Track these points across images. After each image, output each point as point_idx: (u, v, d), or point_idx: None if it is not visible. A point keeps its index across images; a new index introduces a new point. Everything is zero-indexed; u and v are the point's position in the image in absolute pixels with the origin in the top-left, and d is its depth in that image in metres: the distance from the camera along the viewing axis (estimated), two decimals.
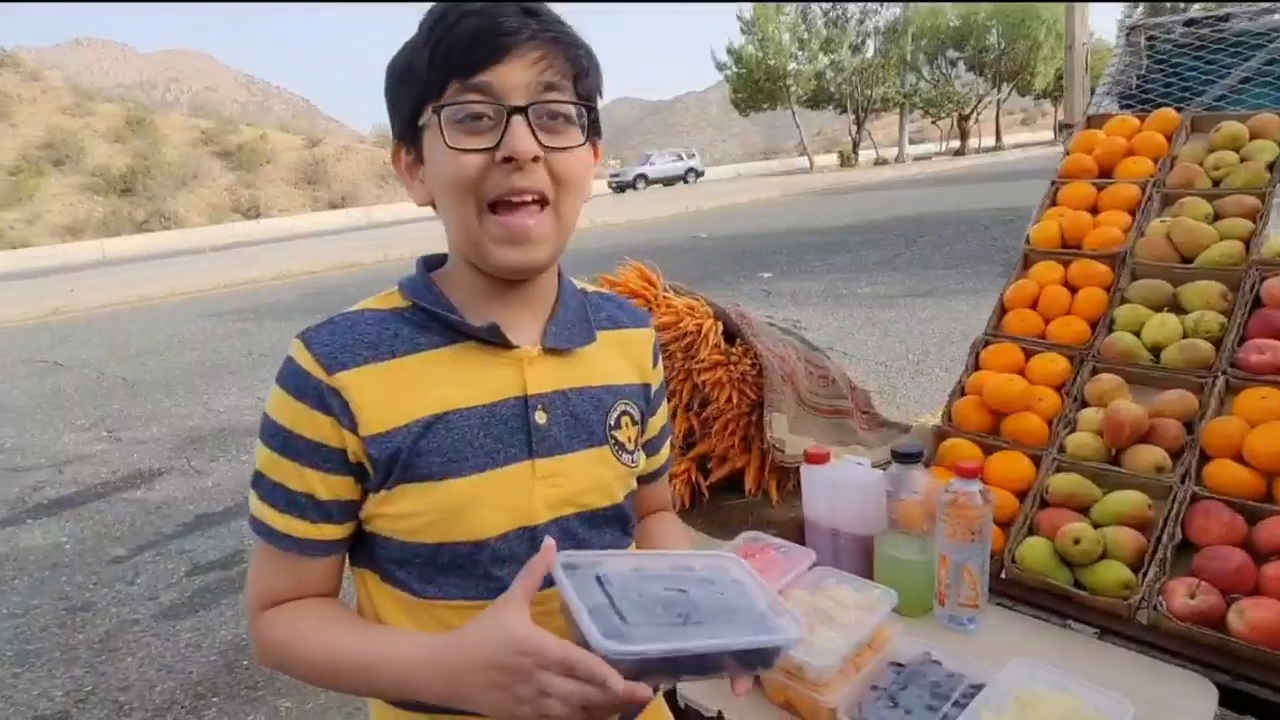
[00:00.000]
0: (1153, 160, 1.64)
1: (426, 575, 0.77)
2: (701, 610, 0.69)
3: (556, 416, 0.80)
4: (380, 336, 0.76)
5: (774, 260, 10.14)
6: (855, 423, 1.69)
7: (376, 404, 0.73)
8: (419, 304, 0.78)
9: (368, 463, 0.74)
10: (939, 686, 0.98)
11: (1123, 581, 1.12)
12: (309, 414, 0.72)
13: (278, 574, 0.77)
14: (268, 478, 0.75)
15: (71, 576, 3.52)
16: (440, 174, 0.73)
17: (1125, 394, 1.33)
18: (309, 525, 0.75)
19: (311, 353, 0.73)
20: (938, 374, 5.03)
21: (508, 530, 0.77)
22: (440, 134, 0.71)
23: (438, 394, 0.75)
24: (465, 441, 0.75)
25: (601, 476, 0.83)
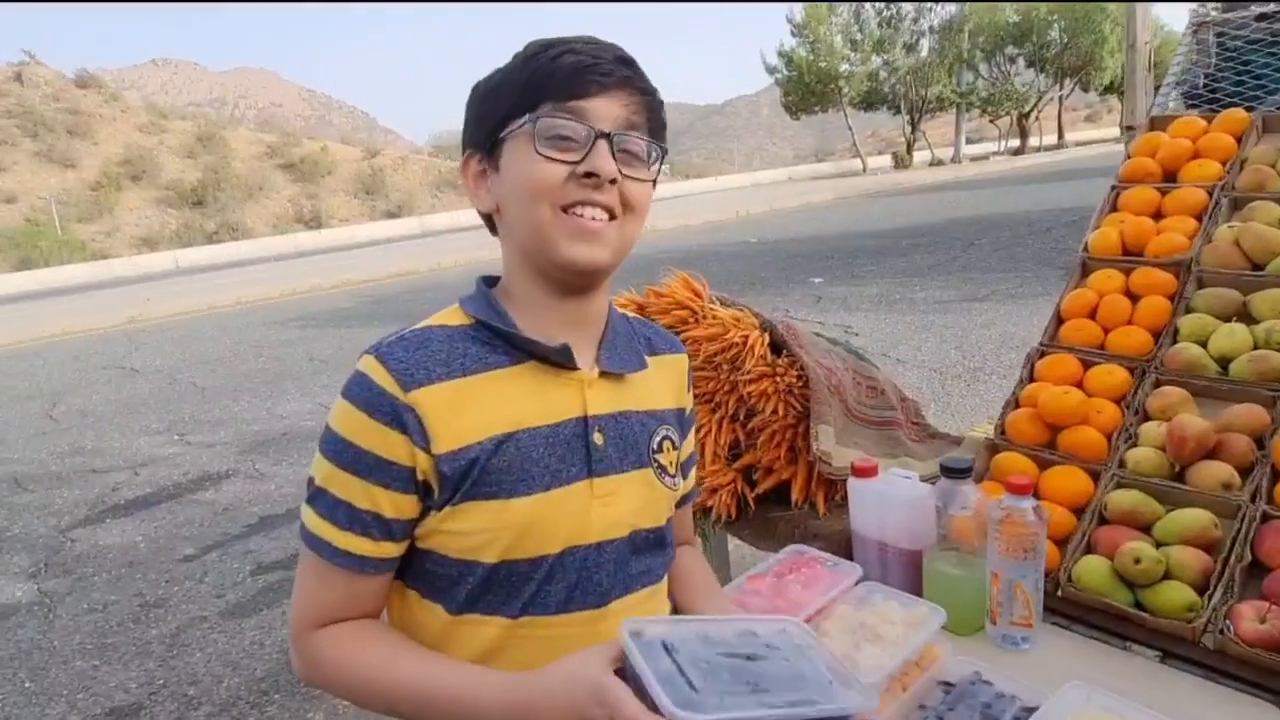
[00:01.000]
0: (1221, 163, 1.58)
1: (474, 593, 0.78)
2: (768, 678, 0.69)
3: (610, 438, 0.83)
4: (451, 354, 0.78)
5: (825, 265, 10.01)
6: (904, 434, 1.66)
7: (449, 421, 0.75)
8: (484, 322, 0.81)
9: (435, 480, 0.75)
10: (989, 708, 0.96)
11: (1187, 603, 1.08)
12: (381, 431, 0.74)
13: (331, 591, 0.78)
14: (330, 494, 0.76)
15: (146, 574, 3.70)
16: (522, 179, 0.77)
17: (1190, 408, 1.28)
18: (371, 543, 0.76)
19: (387, 369, 0.75)
20: (994, 381, 4.90)
21: (563, 550, 0.79)
22: (532, 141, 0.75)
23: (507, 413, 0.78)
24: (532, 460, 0.77)
25: (648, 497, 0.86)
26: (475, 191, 0.83)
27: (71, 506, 4.67)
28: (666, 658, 0.68)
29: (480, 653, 0.79)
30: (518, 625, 0.79)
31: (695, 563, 1.04)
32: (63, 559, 3.95)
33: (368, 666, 0.76)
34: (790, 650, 0.74)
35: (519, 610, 0.79)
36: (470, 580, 0.78)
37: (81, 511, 4.58)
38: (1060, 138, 38.07)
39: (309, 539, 0.78)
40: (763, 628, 0.77)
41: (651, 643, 0.69)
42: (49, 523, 4.45)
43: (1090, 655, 1.10)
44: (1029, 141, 35.84)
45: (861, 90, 33.85)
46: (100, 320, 12.79)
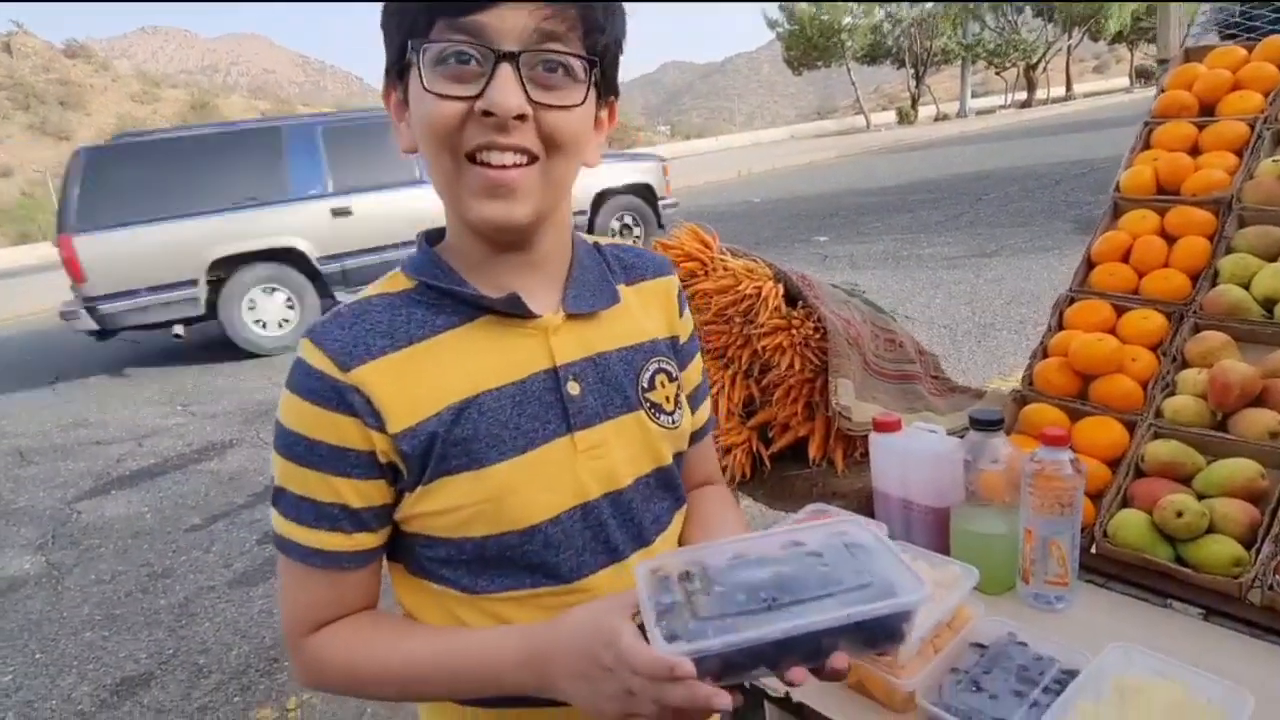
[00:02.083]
0: (1262, 94, 1.48)
1: (476, 570, 0.72)
2: (794, 589, 0.61)
3: (589, 385, 0.74)
4: (393, 323, 0.70)
5: (830, 223, 9.86)
6: (925, 388, 1.59)
7: (401, 397, 0.68)
8: (426, 282, 0.72)
9: (400, 461, 0.69)
10: (1026, 670, 0.91)
11: (1233, 558, 1.02)
12: (329, 417, 0.67)
13: (316, 593, 0.72)
14: (291, 492, 0.69)
15: (153, 544, 3.69)
16: (418, 119, 0.66)
17: (1233, 352, 1.21)
18: (344, 537, 0.70)
19: (323, 349, 0.67)
20: (1005, 336, 4.82)
21: (559, 512, 0.72)
22: (419, 75, 0.64)
23: (464, 377, 0.70)
24: (500, 423, 0.70)
25: (642, 441, 0.78)
26: (397, 126, 0.71)
27: (76, 479, 4.66)
28: (679, 588, 0.62)
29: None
30: (538, 597, 0.73)
31: (717, 505, 0.93)
32: (69, 531, 3.94)
33: (377, 656, 0.70)
34: (837, 555, 0.65)
35: (530, 583, 0.73)
36: (465, 560, 0.72)
37: (87, 483, 4.56)
38: (1068, 89, 37.31)
39: (279, 542, 0.71)
40: (814, 535, 0.68)
41: (667, 577, 0.64)
42: (54, 495, 4.44)
43: (1128, 614, 1.05)
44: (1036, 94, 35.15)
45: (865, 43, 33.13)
46: None
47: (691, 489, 0.94)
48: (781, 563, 0.65)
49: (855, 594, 0.60)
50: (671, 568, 0.65)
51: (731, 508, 0.94)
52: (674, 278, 0.88)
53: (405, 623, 0.75)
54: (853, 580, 0.62)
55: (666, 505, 0.82)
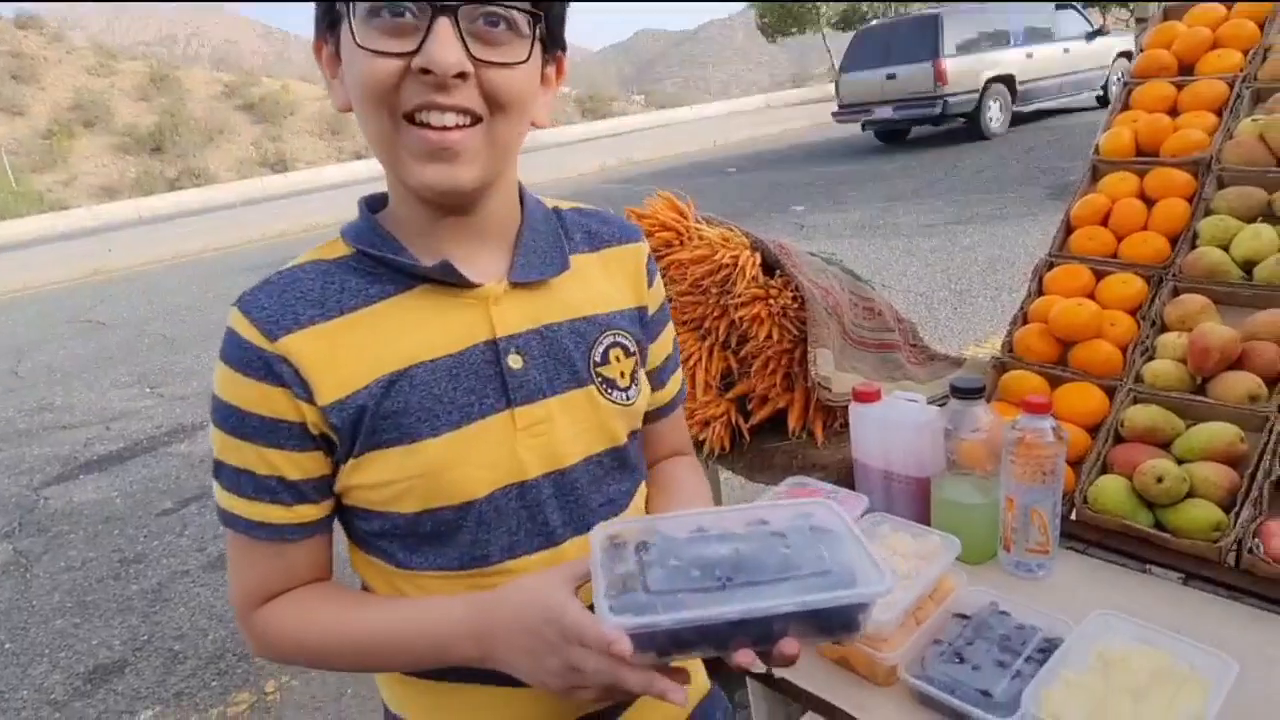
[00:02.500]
0: (1242, 52, 1.46)
1: (410, 544, 0.71)
2: (751, 569, 0.60)
3: (533, 358, 0.71)
4: (325, 291, 0.67)
5: (807, 192, 9.81)
6: (903, 356, 1.58)
7: (330, 368, 0.65)
8: (363, 250, 0.68)
9: (331, 433, 0.66)
10: (1008, 640, 0.90)
11: (1212, 522, 1.01)
12: (259, 388, 0.65)
13: (262, 566, 0.71)
14: (229, 465, 0.67)
15: (124, 530, 3.62)
16: (351, 76, 0.62)
17: (1212, 315, 1.20)
18: (284, 509, 0.68)
19: (250, 319, 0.65)
20: (981, 303, 4.84)
21: (494, 490, 0.69)
22: (350, 29, 0.60)
23: (397, 348, 0.67)
24: (434, 397, 0.67)
25: (592, 419, 0.74)
26: (330, 82, 0.67)
27: (43, 464, 4.55)
28: (633, 558, 0.61)
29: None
30: (465, 578, 0.71)
31: (682, 472, 0.90)
32: (37, 518, 3.85)
33: (323, 629, 0.69)
34: (800, 537, 0.64)
35: (459, 562, 0.71)
36: (398, 533, 0.70)
37: (54, 469, 4.46)
38: None
39: (222, 515, 0.70)
40: (779, 514, 0.67)
41: (624, 544, 0.63)
42: (20, 482, 4.33)
43: (1108, 580, 1.04)
44: None
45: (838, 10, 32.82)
46: (62, 273, 12.38)
47: (660, 460, 0.92)
48: (742, 540, 0.63)
49: (813, 580, 0.59)
50: (629, 535, 0.63)
51: (697, 477, 0.91)
52: (643, 245, 0.84)
53: (352, 595, 0.73)
54: (812, 566, 0.60)
55: (623, 488, 0.79)
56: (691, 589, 0.58)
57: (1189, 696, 0.74)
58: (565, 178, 14.98)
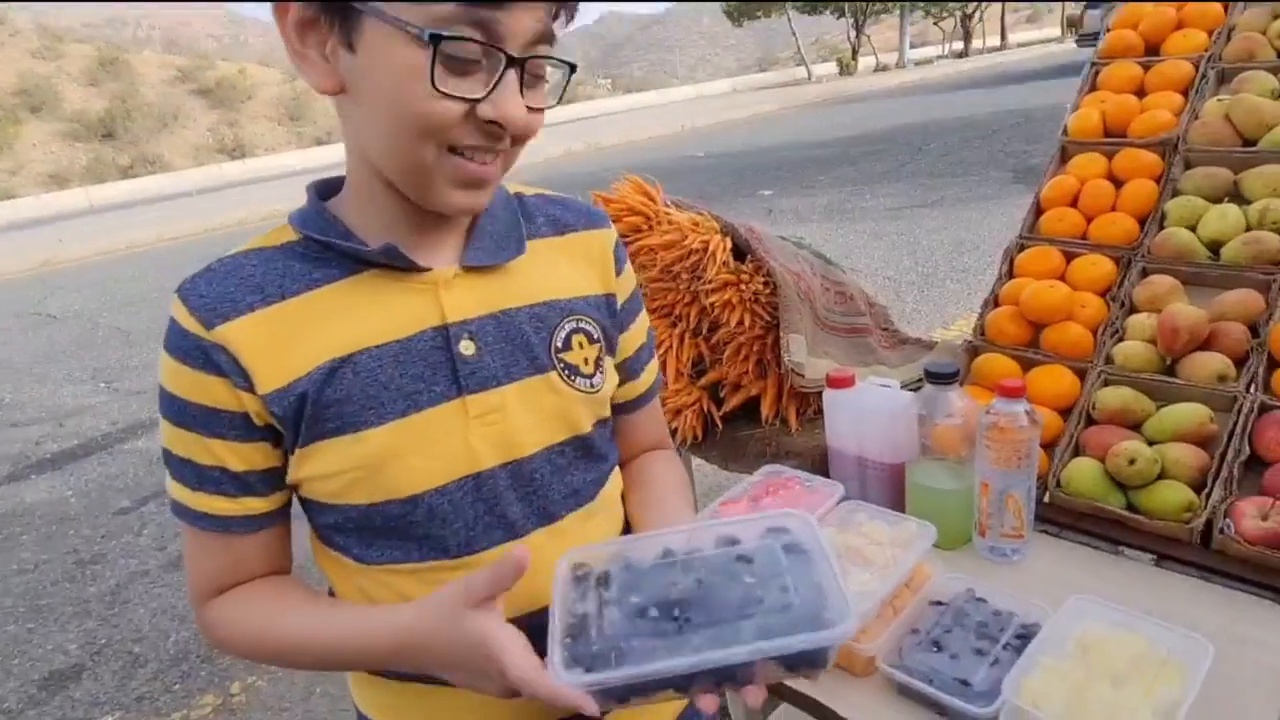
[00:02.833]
0: (1207, 32, 1.46)
1: (366, 538, 0.69)
2: (711, 606, 0.59)
3: (487, 344, 0.68)
4: (267, 277, 0.65)
5: (775, 177, 9.82)
6: (875, 341, 1.57)
7: (269, 355, 0.63)
8: (310, 235, 0.66)
9: (276, 423, 0.64)
10: (985, 627, 0.89)
11: (1184, 503, 1.02)
12: (198, 377, 0.63)
13: (211, 558, 0.69)
14: (175, 454, 0.66)
15: (79, 530, 3.50)
16: (399, 103, 0.58)
17: (1180, 296, 1.20)
18: (229, 501, 0.66)
19: (188, 307, 0.63)
20: (948, 286, 4.88)
21: (447, 482, 0.67)
22: (427, 65, 0.55)
23: (340, 334, 0.64)
24: (379, 384, 0.64)
25: (553, 407, 0.71)
26: (302, 52, 0.59)
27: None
28: (593, 595, 0.61)
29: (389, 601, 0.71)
30: (425, 571, 0.69)
31: (660, 467, 0.88)
32: None
33: (266, 626, 0.69)
34: (768, 560, 0.63)
35: (418, 556, 0.69)
36: (353, 527, 0.69)
37: (3, 469, 4.30)
38: (1003, 39, 37.77)
39: (172, 506, 0.69)
40: (751, 530, 0.67)
41: (586, 575, 0.63)
42: None
43: (1082, 563, 1.04)
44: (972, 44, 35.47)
45: None
46: (10, 265, 11.95)
47: (638, 454, 0.90)
48: (708, 568, 0.63)
49: (775, 617, 0.58)
50: (594, 563, 0.63)
51: (676, 472, 0.89)
52: (609, 231, 0.81)
53: (296, 594, 0.71)
54: (776, 599, 0.60)
55: (589, 478, 0.76)
56: (647, 635, 0.57)
57: (1167, 681, 0.74)
58: (532, 163, 14.81)
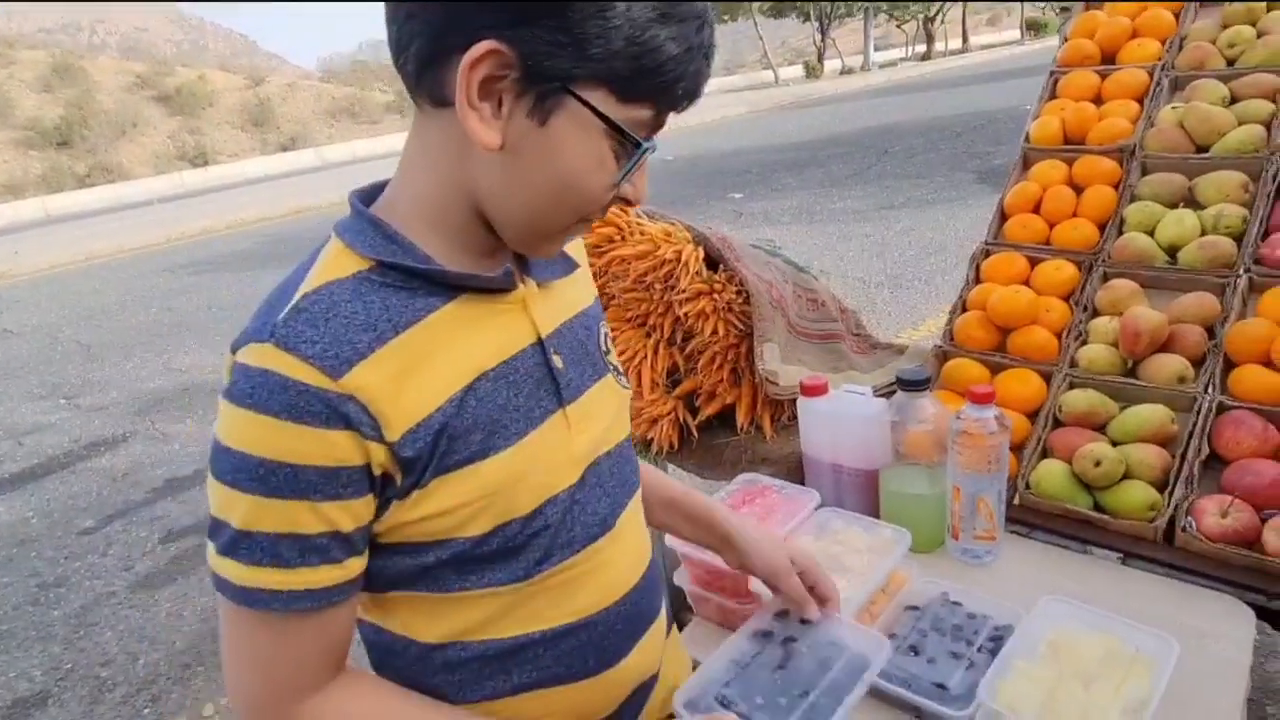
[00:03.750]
0: (1160, 42, 1.51)
1: (466, 568, 0.65)
2: (804, 677, 0.75)
3: (567, 355, 0.70)
4: (369, 312, 0.59)
5: (744, 180, 9.88)
6: (847, 346, 1.59)
7: (399, 398, 0.58)
8: (386, 262, 0.61)
9: (397, 469, 0.59)
10: (961, 630, 0.91)
11: (1148, 502, 1.05)
12: (320, 436, 0.56)
13: (303, 646, 0.61)
14: (263, 534, 0.57)
15: (41, 552, 3.40)
16: (569, 179, 0.60)
17: (1140, 300, 1.24)
18: (335, 568, 0.59)
19: (301, 357, 0.55)
20: (917, 287, 4.95)
21: (558, 492, 0.67)
22: (624, 163, 0.60)
23: (458, 363, 0.62)
24: (499, 408, 0.63)
25: (616, 407, 0.75)
26: (476, 105, 0.56)
27: None
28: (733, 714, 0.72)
29: (481, 620, 0.67)
30: (532, 583, 0.67)
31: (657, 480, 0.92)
32: None
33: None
34: (810, 637, 0.80)
35: (534, 566, 0.67)
36: (451, 561, 0.64)
37: None
38: (965, 42, 38.47)
39: (243, 596, 0.58)
40: (770, 621, 0.83)
41: (710, 707, 0.74)
42: None
43: (1052, 563, 1.07)
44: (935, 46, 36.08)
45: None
46: None
47: None
48: (777, 657, 0.79)
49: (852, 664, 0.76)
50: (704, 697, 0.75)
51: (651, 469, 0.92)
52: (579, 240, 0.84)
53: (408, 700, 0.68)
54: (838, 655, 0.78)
55: (633, 467, 0.80)
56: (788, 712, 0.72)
57: (1136, 679, 0.76)
58: None
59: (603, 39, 0.54)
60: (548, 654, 0.69)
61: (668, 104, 0.59)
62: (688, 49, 0.57)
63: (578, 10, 0.53)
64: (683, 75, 0.58)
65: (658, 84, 0.57)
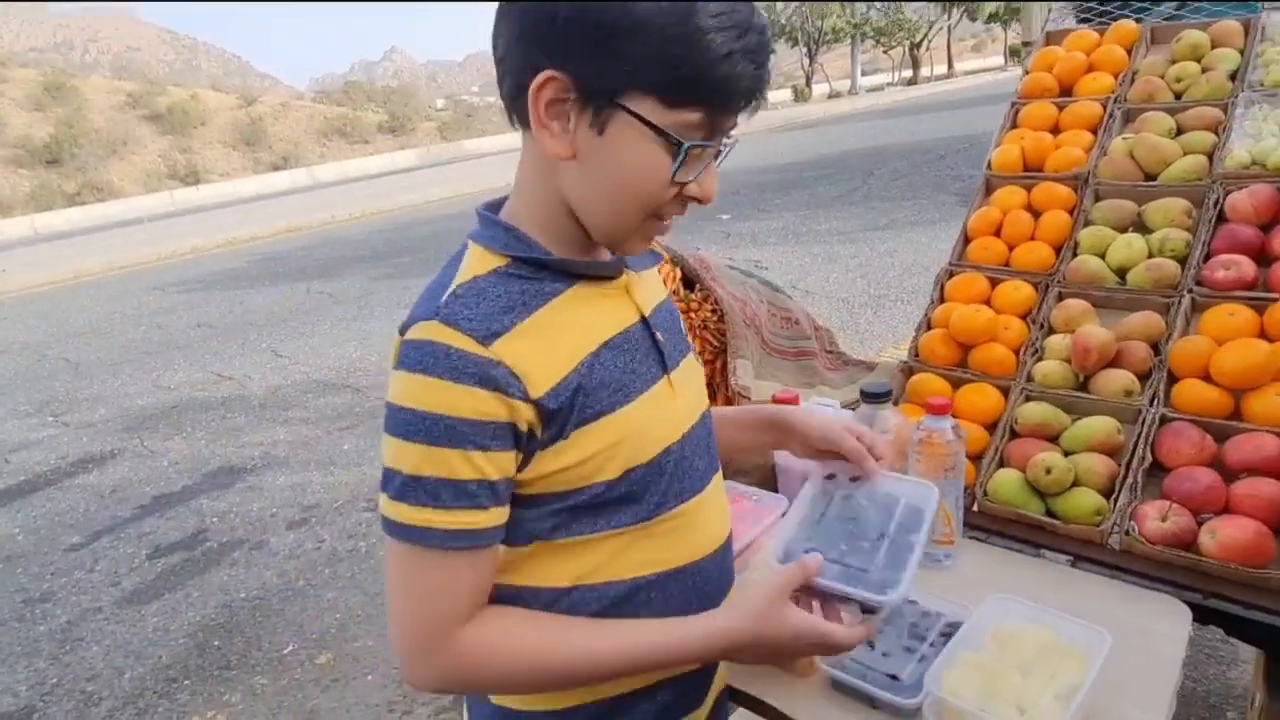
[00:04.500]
0: (1113, 75, 1.60)
1: (593, 513, 0.76)
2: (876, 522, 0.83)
3: (664, 332, 0.82)
4: (510, 298, 0.72)
5: (733, 200, 10.03)
6: (820, 363, 1.65)
7: (538, 362, 0.70)
8: (520, 257, 0.74)
9: (539, 423, 0.71)
10: (916, 626, 0.97)
11: (1095, 508, 1.11)
12: (470, 393, 0.67)
13: (460, 580, 0.71)
14: (427, 478, 0.68)
15: (27, 568, 3.41)
16: (632, 181, 0.70)
17: (1092, 318, 1.31)
18: (482, 513, 0.70)
19: (458, 329, 0.68)
20: (899, 307, 5.05)
21: (669, 444, 0.79)
22: (672, 160, 0.68)
23: (584, 335, 0.75)
24: (620, 370, 0.75)
25: (698, 380, 0.89)
26: (546, 123, 0.68)
27: None
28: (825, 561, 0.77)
29: (603, 562, 0.78)
30: (650, 525, 0.78)
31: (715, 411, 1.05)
32: None
33: (529, 643, 0.73)
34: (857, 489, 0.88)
35: (645, 514, 0.78)
36: (584, 506, 0.75)
37: None
38: (950, 67, 39.15)
39: (411, 534, 0.69)
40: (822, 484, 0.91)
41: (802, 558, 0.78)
42: None
43: (1006, 566, 1.13)
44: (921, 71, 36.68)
45: None
46: None
47: None
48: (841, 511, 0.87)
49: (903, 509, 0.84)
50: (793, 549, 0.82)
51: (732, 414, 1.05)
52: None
53: (548, 614, 0.77)
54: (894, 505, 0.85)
55: (714, 441, 0.91)
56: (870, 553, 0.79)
57: (1070, 668, 0.81)
58: (494, 187, 14.87)
59: (640, 57, 0.63)
60: (657, 597, 0.79)
61: (720, 107, 0.67)
62: (728, 54, 0.64)
63: (616, 36, 0.63)
64: (727, 78, 0.65)
65: (702, 90, 0.65)
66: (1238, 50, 1.49)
